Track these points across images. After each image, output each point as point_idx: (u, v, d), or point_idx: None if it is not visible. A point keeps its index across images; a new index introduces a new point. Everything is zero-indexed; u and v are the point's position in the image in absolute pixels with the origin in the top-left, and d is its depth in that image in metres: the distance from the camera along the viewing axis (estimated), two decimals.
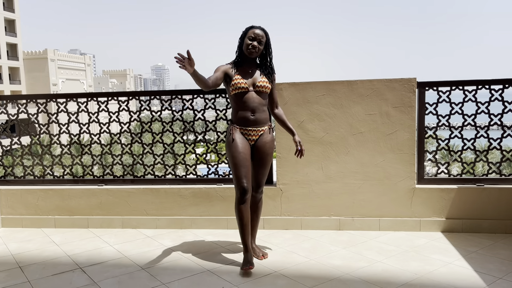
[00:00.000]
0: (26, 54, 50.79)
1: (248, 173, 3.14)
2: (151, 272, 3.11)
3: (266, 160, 3.27)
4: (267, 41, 3.18)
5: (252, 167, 3.26)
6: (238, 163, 3.11)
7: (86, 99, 4.29)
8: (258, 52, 3.15)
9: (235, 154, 3.12)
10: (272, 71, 3.26)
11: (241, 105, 3.16)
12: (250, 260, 3.09)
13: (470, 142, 3.87)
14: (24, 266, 3.27)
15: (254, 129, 3.18)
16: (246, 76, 3.17)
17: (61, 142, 4.32)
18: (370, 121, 3.79)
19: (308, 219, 3.94)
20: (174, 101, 4.28)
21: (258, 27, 3.17)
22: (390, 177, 3.82)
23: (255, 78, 3.19)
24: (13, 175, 4.43)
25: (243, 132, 3.19)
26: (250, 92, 3.15)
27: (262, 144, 3.21)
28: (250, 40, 3.13)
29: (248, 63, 3.22)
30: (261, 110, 3.19)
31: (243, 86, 3.13)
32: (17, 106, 4.37)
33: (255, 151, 3.23)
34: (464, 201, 3.79)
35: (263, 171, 3.28)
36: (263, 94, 3.20)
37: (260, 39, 3.13)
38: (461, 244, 3.51)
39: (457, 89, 3.81)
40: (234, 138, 3.15)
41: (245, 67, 3.21)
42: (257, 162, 3.26)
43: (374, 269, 3.08)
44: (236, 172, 3.12)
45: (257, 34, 3.13)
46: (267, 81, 3.20)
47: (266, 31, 3.18)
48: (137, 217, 4.13)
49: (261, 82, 3.17)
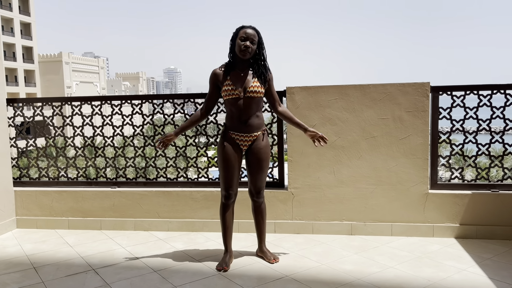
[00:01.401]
0: (41, 57, 51.63)
1: (233, 179, 3.17)
2: (162, 274, 3.12)
3: (262, 165, 3.21)
4: (259, 40, 3.09)
5: (249, 174, 3.25)
6: (224, 168, 3.16)
7: (100, 102, 4.34)
8: (251, 52, 3.06)
9: (223, 159, 3.15)
10: (266, 70, 3.14)
11: (233, 110, 3.11)
12: (227, 262, 3.21)
13: (485, 147, 3.83)
14: (39, 267, 3.32)
15: (246, 135, 3.14)
16: (237, 81, 3.09)
17: (75, 145, 4.38)
18: (383, 125, 3.77)
19: (319, 223, 3.93)
20: (186, 104, 4.31)
21: (249, 27, 3.09)
22: (403, 182, 3.79)
23: (246, 82, 3.09)
24: (28, 177, 4.50)
25: (235, 137, 3.16)
26: (242, 99, 3.08)
27: (256, 150, 3.18)
28: (242, 40, 3.04)
29: (241, 65, 3.13)
30: (253, 116, 3.12)
31: (233, 93, 3.07)
32: (33, 108, 4.44)
33: (250, 158, 3.20)
34: (478, 207, 3.74)
35: (259, 177, 3.24)
36: (256, 99, 3.11)
37: (252, 39, 3.04)
38: (475, 251, 3.46)
39: (472, 93, 3.77)
40: (224, 143, 3.15)
41: (237, 71, 3.12)
42: (252, 169, 3.22)
43: (387, 274, 3.05)
44: (222, 178, 3.19)
45: (249, 34, 3.04)
46: (259, 85, 3.11)
47: (257, 30, 3.10)
48: (149, 219, 4.15)
49: (253, 88, 3.08)
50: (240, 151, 3.19)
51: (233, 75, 3.11)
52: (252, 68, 3.14)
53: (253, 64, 3.14)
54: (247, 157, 3.23)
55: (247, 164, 3.25)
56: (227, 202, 3.24)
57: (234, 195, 3.24)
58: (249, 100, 3.08)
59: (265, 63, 3.15)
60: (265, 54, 3.15)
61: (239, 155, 3.19)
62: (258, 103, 3.15)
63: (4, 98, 4.27)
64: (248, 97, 3.08)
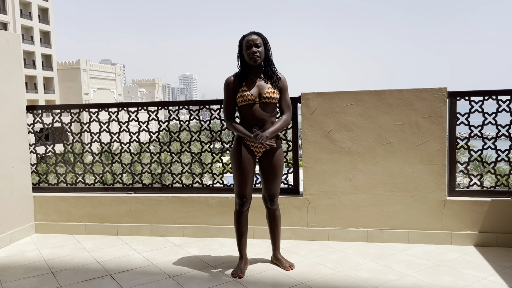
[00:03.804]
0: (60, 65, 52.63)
1: (247, 186, 3.16)
2: (178, 280, 3.13)
3: (276, 172, 3.20)
4: (264, 42, 3.09)
5: (263, 181, 3.24)
6: (239, 176, 3.14)
7: (117, 109, 4.40)
8: (261, 56, 3.06)
9: (237, 166, 3.13)
10: (273, 72, 3.14)
11: (248, 116, 3.11)
12: (242, 269, 3.19)
13: (504, 153, 3.75)
14: (56, 271, 3.36)
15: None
16: (252, 87, 3.09)
17: (93, 151, 4.44)
18: (399, 131, 3.73)
19: (335, 230, 3.89)
20: (202, 111, 4.33)
21: (250, 33, 3.10)
22: (420, 189, 3.74)
23: (262, 88, 3.10)
24: (47, 183, 4.58)
25: (249, 144, 3.15)
26: (257, 104, 3.09)
27: (270, 157, 3.17)
28: (248, 48, 3.05)
29: (254, 73, 3.13)
30: (268, 122, 3.11)
31: (249, 98, 3.06)
32: (52, 115, 4.52)
33: (264, 165, 3.19)
34: (498, 215, 3.66)
35: (274, 184, 3.22)
36: (271, 105, 3.11)
37: (256, 43, 3.04)
38: (495, 259, 3.38)
39: (490, 98, 3.71)
40: (238, 150, 3.13)
41: (251, 77, 3.13)
42: (267, 176, 3.20)
43: (404, 283, 3.01)
44: (236, 185, 3.18)
45: (252, 40, 3.05)
46: (274, 91, 3.11)
47: (259, 33, 3.10)
48: (164, 225, 4.18)
49: (268, 94, 3.08)
50: (254, 158, 3.19)
51: (248, 81, 3.13)
52: (264, 75, 3.15)
53: (265, 71, 3.16)
54: (261, 164, 3.22)
55: (261, 171, 3.24)
56: (241, 210, 3.23)
57: (248, 203, 3.24)
58: (264, 106, 3.09)
59: (272, 67, 3.15)
60: (270, 56, 3.14)
61: (253, 162, 3.18)
62: (273, 109, 3.14)
63: (24, 105, 4.36)
64: (263, 103, 3.08)
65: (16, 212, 4.18)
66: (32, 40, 48.11)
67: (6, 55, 4.12)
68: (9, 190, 4.10)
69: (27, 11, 47.77)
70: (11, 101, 4.18)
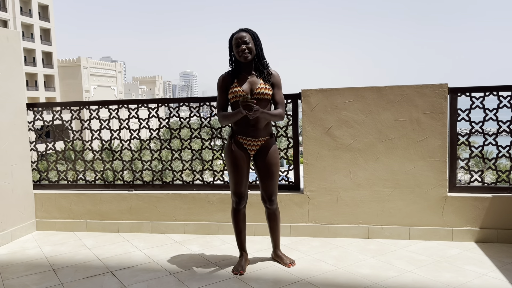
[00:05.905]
0: (61, 62, 52.64)
1: (242, 183, 3.14)
2: (179, 277, 3.14)
3: (272, 170, 3.16)
4: (253, 38, 3.06)
5: (260, 180, 3.22)
6: (233, 174, 3.13)
7: (117, 106, 4.40)
8: (251, 52, 3.03)
9: (231, 164, 3.12)
10: (264, 67, 3.10)
11: None
12: (243, 266, 3.19)
13: (505, 149, 3.75)
14: (57, 268, 3.37)
15: (254, 139, 3.11)
16: (244, 83, 3.07)
17: (93, 148, 4.44)
18: (400, 127, 3.72)
19: (336, 226, 3.89)
20: (202, 108, 4.33)
21: (238, 31, 3.07)
22: (420, 185, 3.74)
23: (253, 84, 3.07)
24: (47, 180, 4.58)
25: (242, 142, 3.13)
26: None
27: (264, 155, 3.14)
28: (237, 46, 3.03)
29: (246, 70, 3.10)
30: (261, 119, 3.06)
31: (240, 94, 3.02)
32: (52, 113, 4.52)
33: (259, 163, 3.16)
34: (499, 211, 3.66)
35: (271, 182, 3.19)
36: (264, 101, 3.06)
37: (245, 40, 3.01)
38: (496, 255, 3.39)
39: (491, 94, 3.70)
40: (231, 148, 3.11)
41: (243, 74, 3.10)
42: (263, 174, 3.18)
43: (404, 279, 3.01)
44: (232, 183, 3.16)
45: (240, 37, 3.02)
46: (267, 86, 3.08)
47: (248, 29, 3.08)
48: (165, 222, 4.18)
49: (260, 89, 3.05)
50: (248, 156, 3.17)
51: (240, 78, 3.11)
52: (256, 72, 3.11)
53: (257, 66, 3.12)
54: (256, 162, 3.19)
55: (257, 170, 3.22)
56: (238, 207, 3.22)
57: (245, 200, 3.23)
58: (256, 102, 3.00)
59: (262, 60, 3.11)
60: (260, 51, 3.10)
61: (247, 160, 3.16)
62: (266, 106, 3.09)
63: (24, 102, 4.36)
64: (256, 99, 3.02)
65: (17, 210, 4.19)
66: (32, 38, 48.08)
67: (6, 53, 4.12)
68: (10, 188, 4.11)
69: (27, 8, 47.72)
70: (12, 99, 4.18)
